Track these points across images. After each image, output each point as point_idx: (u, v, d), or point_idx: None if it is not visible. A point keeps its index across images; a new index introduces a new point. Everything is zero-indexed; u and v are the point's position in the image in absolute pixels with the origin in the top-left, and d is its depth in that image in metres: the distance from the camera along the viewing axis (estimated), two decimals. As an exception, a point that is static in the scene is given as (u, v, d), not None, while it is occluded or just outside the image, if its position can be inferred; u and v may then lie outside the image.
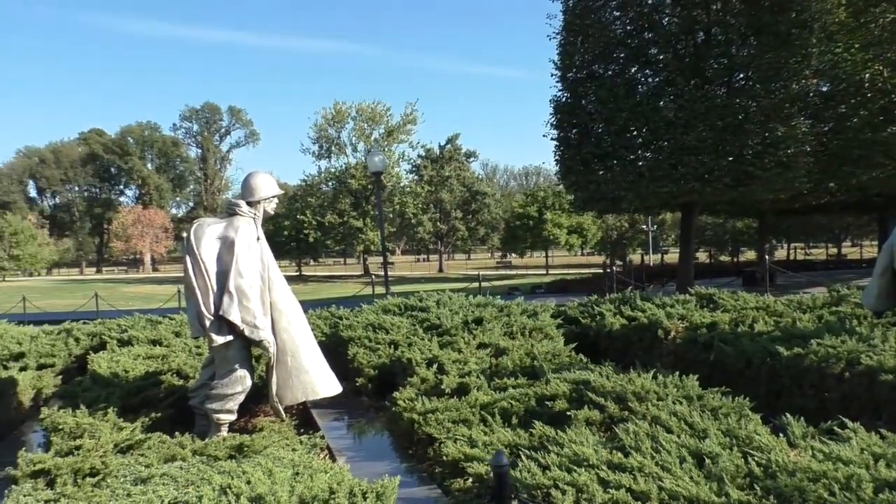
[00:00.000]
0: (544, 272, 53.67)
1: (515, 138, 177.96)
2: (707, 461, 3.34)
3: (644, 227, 56.09)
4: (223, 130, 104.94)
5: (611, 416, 4.53)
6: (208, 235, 5.20)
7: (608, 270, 21.88)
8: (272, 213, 5.65)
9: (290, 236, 57.39)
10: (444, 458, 4.24)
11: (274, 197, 5.59)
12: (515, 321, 7.71)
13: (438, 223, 66.11)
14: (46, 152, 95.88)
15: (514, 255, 71.85)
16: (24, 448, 4.71)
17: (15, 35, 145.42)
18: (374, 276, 24.74)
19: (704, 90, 19.10)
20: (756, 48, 18.87)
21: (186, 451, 4.64)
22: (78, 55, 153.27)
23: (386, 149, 56.97)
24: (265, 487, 3.01)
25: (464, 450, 4.17)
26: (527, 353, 6.48)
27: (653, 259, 51.71)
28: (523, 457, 3.73)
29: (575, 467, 3.32)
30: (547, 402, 4.88)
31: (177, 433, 5.03)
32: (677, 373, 5.18)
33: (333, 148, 60.55)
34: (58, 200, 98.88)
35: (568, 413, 4.61)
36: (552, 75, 22.65)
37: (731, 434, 3.78)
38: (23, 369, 7.35)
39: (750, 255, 50.32)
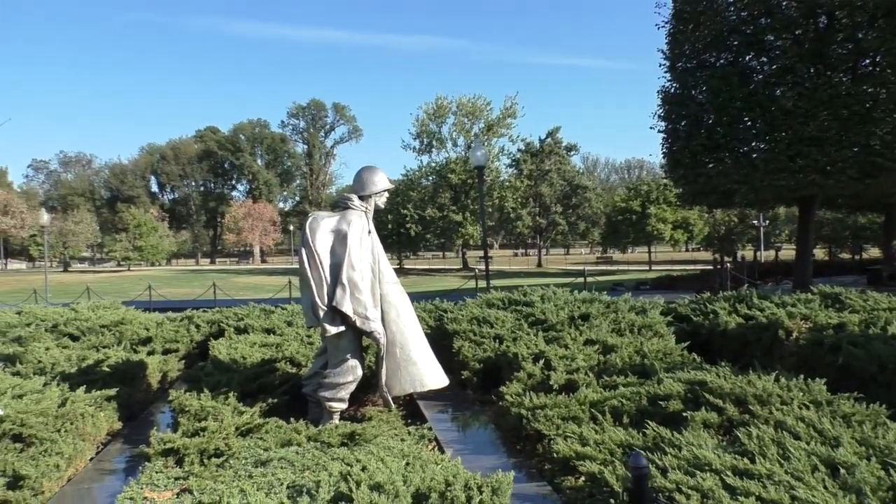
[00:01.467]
0: (647, 268, 52.24)
1: (617, 131, 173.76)
2: (842, 471, 3.13)
3: (755, 222, 53.49)
4: (328, 127, 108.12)
5: (730, 419, 4.33)
6: (322, 228, 5.35)
7: (720, 266, 20.96)
8: (383, 206, 5.75)
9: (392, 230, 58.49)
10: (555, 455, 4.18)
11: (385, 191, 5.69)
12: (623, 318, 7.51)
13: (538, 217, 65.56)
14: (167, 149, 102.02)
15: (615, 250, 70.27)
16: (155, 428, 5.03)
17: (136, 40, 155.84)
18: (477, 271, 24.78)
19: (827, 77, 17.95)
20: (885, 31, 17.51)
21: (302, 436, 4.80)
22: (193, 57, 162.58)
23: (486, 143, 56.97)
24: (384, 476, 3.07)
25: (575, 448, 4.10)
26: (636, 350, 6.30)
27: (764, 255, 49.23)
28: (639, 458, 3.62)
29: (697, 471, 3.19)
30: (660, 402, 4.72)
31: (292, 419, 5.22)
32: (801, 376, 4.89)
33: (434, 143, 61.13)
34: (176, 195, 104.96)
35: (683, 414, 4.44)
36: (660, 65, 22.00)
37: (867, 443, 3.52)
38: (150, 353, 7.84)
39: (874, 252, 46.93)
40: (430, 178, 61.57)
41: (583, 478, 3.88)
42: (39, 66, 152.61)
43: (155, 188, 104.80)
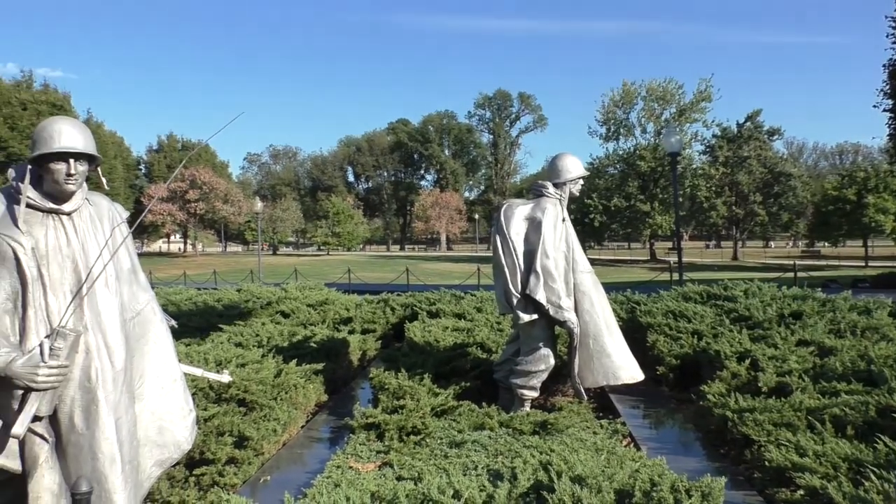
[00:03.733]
0: (863, 263, 46.98)
1: (828, 113, 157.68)
2: None
3: None
4: (513, 116, 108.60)
5: (985, 440, 3.73)
6: (517, 216, 5.35)
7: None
8: (577, 194, 5.63)
9: (575, 220, 57.60)
10: (767, 463, 3.85)
11: (580, 178, 5.57)
12: (843, 318, 6.75)
13: (734, 207, 61.28)
14: (362, 141, 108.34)
15: (824, 243, 63.83)
16: (357, 402, 5.33)
17: (335, 38, 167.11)
18: (672, 263, 23.70)
19: None
20: None
21: (493, 421, 4.85)
22: (385, 53, 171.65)
23: (678, 129, 54.19)
24: (586, 469, 2.99)
25: (791, 457, 3.74)
26: (860, 355, 5.63)
27: None
28: (874, 477, 3.22)
29: (949, 498, 2.77)
30: (893, 414, 4.18)
31: (483, 403, 5.30)
32: None
33: (621, 130, 59.30)
34: (370, 184, 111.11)
35: (925, 430, 3.89)
36: (888, 35, 19.50)
37: None
38: (351, 332, 8.35)
39: None
40: (618, 166, 59.88)
41: (800, 491, 3.53)
42: (252, 69, 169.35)
43: (351, 178, 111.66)
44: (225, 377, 4.07)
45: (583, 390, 5.42)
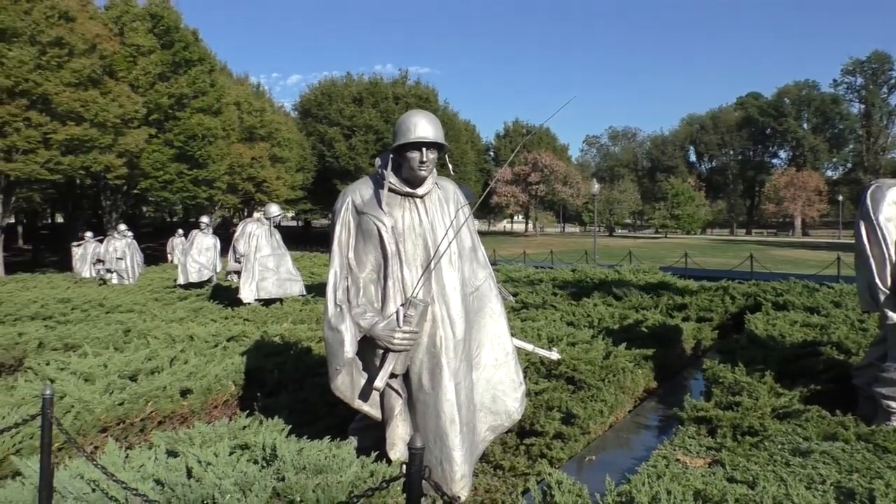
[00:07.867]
0: None
1: None
2: None
3: None
4: (892, 81, 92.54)
5: None
6: (887, 198, 4.60)
7: None
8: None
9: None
10: None
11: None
12: None
13: None
14: (706, 119, 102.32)
15: None
16: (688, 393, 5.12)
17: (674, 13, 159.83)
18: None
19: None
20: None
21: (849, 433, 4.26)
22: (735, 24, 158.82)
23: None
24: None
25: None
26: None
27: None
28: None
29: None
30: None
31: (837, 411, 4.68)
32: None
33: None
34: (714, 164, 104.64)
35: None
36: None
37: None
38: (685, 319, 8.01)
39: None
40: None
41: None
42: (593, 52, 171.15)
43: (693, 158, 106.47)
44: (554, 354, 4.23)
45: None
